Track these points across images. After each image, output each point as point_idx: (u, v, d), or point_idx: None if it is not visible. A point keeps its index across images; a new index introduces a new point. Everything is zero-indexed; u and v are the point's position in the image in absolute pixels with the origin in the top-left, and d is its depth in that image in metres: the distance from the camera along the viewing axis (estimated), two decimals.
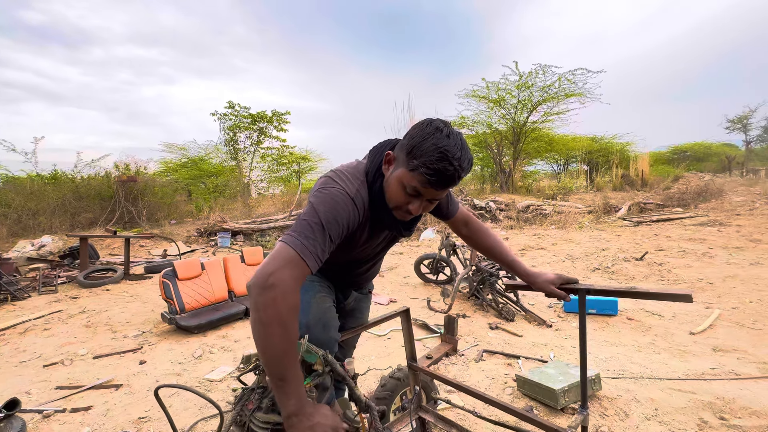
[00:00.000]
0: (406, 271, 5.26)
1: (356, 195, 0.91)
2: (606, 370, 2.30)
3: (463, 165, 0.83)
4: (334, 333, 1.05)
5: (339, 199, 0.87)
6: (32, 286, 4.67)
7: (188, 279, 3.50)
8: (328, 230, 0.82)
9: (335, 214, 0.84)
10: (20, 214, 8.47)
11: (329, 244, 0.83)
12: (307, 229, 0.81)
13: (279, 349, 0.72)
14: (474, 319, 3.35)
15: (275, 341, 0.71)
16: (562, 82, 12.26)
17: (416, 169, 0.83)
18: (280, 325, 0.71)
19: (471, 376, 2.29)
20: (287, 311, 0.72)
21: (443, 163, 0.80)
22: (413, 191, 0.87)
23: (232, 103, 12.19)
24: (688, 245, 5.76)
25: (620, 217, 9.11)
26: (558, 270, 4.95)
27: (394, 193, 0.90)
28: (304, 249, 0.78)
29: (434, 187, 0.84)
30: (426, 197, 0.88)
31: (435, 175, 0.82)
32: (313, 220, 0.82)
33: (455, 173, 0.82)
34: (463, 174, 0.84)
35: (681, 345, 2.72)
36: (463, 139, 0.86)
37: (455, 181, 0.84)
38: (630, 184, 13.79)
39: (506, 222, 9.06)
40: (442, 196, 0.89)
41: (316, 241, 0.80)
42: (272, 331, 0.71)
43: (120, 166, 10.71)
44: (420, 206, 0.89)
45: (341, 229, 0.86)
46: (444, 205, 1.20)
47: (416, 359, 1.53)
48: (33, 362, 2.66)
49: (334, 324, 1.07)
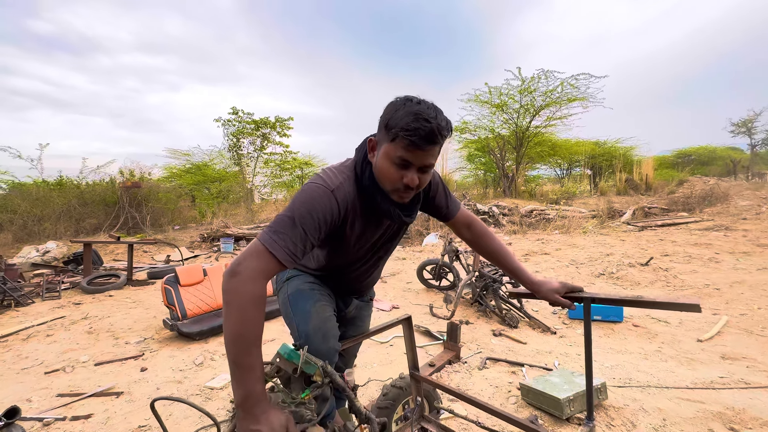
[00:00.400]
0: (408, 276, 5.23)
1: (338, 188, 0.93)
2: (612, 378, 2.26)
3: (440, 122, 0.85)
4: (334, 343, 1.03)
5: (316, 194, 0.90)
6: (36, 292, 4.69)
7: (190, 285, 3.49)
8: (301, 224, 0.85)
9: (309, 208, 0.87)
10: (26, 220, 8.54)
11: (303, 236, 0.85)
12: (279, 224, 0.85)
13: (234, 332, 0.75)
14: (477, 325, 3.32)
15: (231, 324, 0.75)
16: (565, 87, 12.27)
17: (396, 136, 0.85)
18: (238, 309, 0.75)
19: (474, 384, 2.25)
20: (247, 298, 0.77)
21: (419, 122, 0.83)
22: (401, 161, 0.87)
23: (236, 109, 12.29)
24: (694, 250, 5.70)
25: (624, 222, 9.04)
26: (562, 276, 4.90)
27: (386, 171, 0.90)
28: (272, 243, 0.82)
29: (417, 147, 0.84)
30: (416, 164, 0.88)
31: (415, 134, 0.83)
32: (286, 215, 0.86)
33: (433, 129, 0.83)
34: (444, 132, 0.86)
35: (688, 352, 2.68)
36: (436, 106, 0.88)
37: (436, 137, 0.84)
38: (634, 189, 13.73)
39: (509, 227, 9.01)
40: (432, 161, 0.89)
41: (286, 235, 0.83)
42: (230, 315, 0.76)
43: (124, 172, 10.79)
44: (414, 176, 0.89)
45: (316, 222, 0.87)
46: (443, 204, 1.18)
47: (418, 368, 1.51)
48: (35, 369, 2.65)
49: (334, 333, 1.05)
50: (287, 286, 1.15)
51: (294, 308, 1.08)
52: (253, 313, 0.77)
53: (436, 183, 1.15)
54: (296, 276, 1.17)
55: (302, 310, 1.06)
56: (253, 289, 0.78)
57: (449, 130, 0.88)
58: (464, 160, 16.34)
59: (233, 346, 0.76)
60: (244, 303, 0.77)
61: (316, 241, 0.90)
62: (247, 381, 0.74)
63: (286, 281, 1.18)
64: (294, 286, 1.14)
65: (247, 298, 0.77)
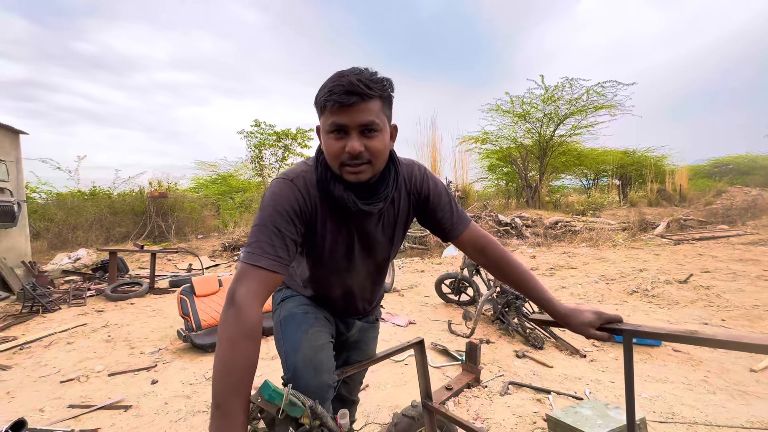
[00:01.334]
0: (426, 290, 5.06)
1: (297, 177, 0.89)
2: (652, 412, 2.02)
3: (362, 76, 0.78)
4: (328, 377, 0.91)
5: (276, 189, 0.86)
6: (63, 299, 4.84)
7: (205, 295, 3.49)
8: (272, 223, 0.81)
9: (273, 205, 0.83)
10: (60, 228, 8.97)
11: (279, 235, 0.81)
12: (251, 236, 0.81)
13: (221, 368, 0.68)
14: (499, 345, 3.12)
15: (219, 359, 0.69)
16: (590, 95, 11.89)
17: (323, 105, 0.80)
18: (228, 342, 0.70)
19: (495, 412, 2.07)
20: (240, 329, 0.71)
21: (339, 79, 0.78)
22: (335, 127, 0.80)
23: (258, 122, 12.62)
24: (738, 266, 5.25)
25: (658, 235, 8.51)
26: (591, 292, 4.60)
27: (328, 146, 0.83)
28: (251, 256, 0.78)
29: (342, 102, 0.76)
30: (351, 126, 0.79)
31: (335, 89, 0.77)
32: (255, 223, 0.82)
33: (351, 80, 0.76)
34: (368, 83, 0.77)
35: (740, 384, 2.38)
36: (366, 68, 0.81)
37: (357, 87, 0.76)
38: (667, 200, 13.02)
39: (533, 239, 8.68)
40: (369, 118, 0.79)
41: (261, 242, 0.79)
42: (220, 348, 0.70)
43: (153, 182, 11.22)
44: (355, 142, 0.79)
45: (286, 216, 0.83)
46: (446, 218, 0.99)
47: (431, 397, 1.37)
48: (51, 377, 2.68)
49: (327, 366, 0.93)
50: (280, 309, 1.06)
51: (284, 335, 0.98)
52: (245, 346, 0.70)
53: (439, 192, 1.00)
54: (291, 297, 1.08)
55: (292, 338, 0.95)
56: (246, 317, 0.72)
57: (380, 82, 0.80)
58: (485, 170, 16.05)
59: (219, 384, 0.67)
60: (236, 335, 0.70)
61: (296, 236, 0.83)
62: (227, 428, 0.65)
63: (280, 303, 1.08)
64: (287, 309, 1.04)
65: (239, 330, 0.70)
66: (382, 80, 0.81)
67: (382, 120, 0.82)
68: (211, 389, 0.68)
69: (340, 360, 1.21)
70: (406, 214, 1.02)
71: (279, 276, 0.79)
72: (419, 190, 0.99)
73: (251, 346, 0.70)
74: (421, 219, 1.05)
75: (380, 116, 0.81)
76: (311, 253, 0.98)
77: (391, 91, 0.85)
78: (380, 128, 0.81)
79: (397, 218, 1.01)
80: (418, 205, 1.02)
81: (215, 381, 0.67)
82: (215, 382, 0.67)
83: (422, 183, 1.00)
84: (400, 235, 1.04)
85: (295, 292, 1.11)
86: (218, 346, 0.70)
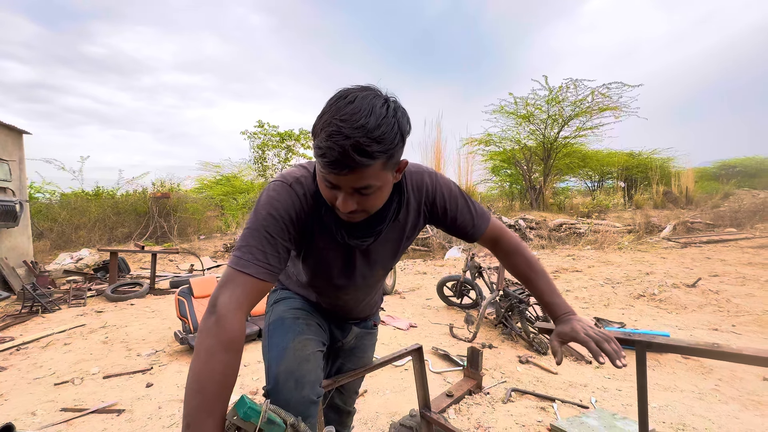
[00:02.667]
0: (428, 292, 4.99)
1: (296, 181, 0.81)
2: (661, 422, 1.94)
3: (366, 132, 0.61)
4: (310, 391, 0.84)
5: (273, 192, 0.79)
6: (63, 299, 4.82)
7: (204, 297, 3.44)
8: (264, 228, 0.75)
9: (268, 209, 0.77)
10: (64, 228, 8.99)
11: (271, 241, 0.75)
12: (242, 239, 0.75)
13: (195, 383, 0.61)
14: (501, 350, 3.04)
15: (193, 373, 0.63)
16: (596, 96, 11.77)
17: (315, 153, 0.67)
18: (206, 353, 0.63)
19: (497, 420, 2.00)
20: (218, 339, 0.65)
21: (332, 139, 0.62)
22: (327, 183, 0.70)
23: (261, 122, 12.61)
24: (748, 270, 5.13)
25: (664, 238, 8.38)
26: (596, 296, 4.51)
27: (321, 189, 0.75)
28: (239, 261, 0.72)
29: (332, 171, 0.65)
30: (343, 188, 0.69)
31: (325, 156, 0.64)
32: (248, 226, 0.77)
33: (347, 150, 0.61)
34: (374, 148, 0.62)
35: (754, 393, 2.29)
36: (374, 107, 0.63)
37: (351, 160, 0.62)
38: (673, 202, 12.84)
39: (537, 241, 8.58)
40: (366, 182, 0.67)
41: (252, 247, 0.73)
42: (195, 360, 0.64)
43: (156, 183, 11.24)
44: (348, 201, 0.70)
45: (281, 222, 0.76)
46: (467, 223, 0.93)
47: (430, 406, 1.31)
48: (46, 379, 2.64)
49: (311, 379, 0.85)
50: (271, 312, 1.00)
51: (270, 342, 0.92)
52: (222, 358, 0.64)
53: (455, 197, 0.93)
54: (284, 299, 1.02)
55: (277, 346, 0.89)
56: (226, 327, 0.66)
57: (386, 142, 0.64)
58: (489, 172, 15.94)
59: (191, 401, 0.60)
60: (213, 346, 0.64)
61: (289, 244, 0.77)
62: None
63: (272, 305, 1.03)
64: (277, 313, 0.98)
65: (218, 340, 0.64)
66: (390, 136, 0.65)
67: (383, 178, 0.71)
68: (183, 406, 0.61)
69: (334, 367, 1.15)
70: (414, 227, 0.95)
71: (267, 285, 0.74)
72: (432, 201, 0.92)
73: (230, 359, 0.64)
74: (441, 227, 0.98)
75: (379, 176, 0.69)
76: (307, 260, 0.93)
77: (401, 142, 0.69)
78: (378, 187, 0.71)
79: (403, 233, 0.94)
80: (432, 216, 0.95)
81: (187, 397, 0.61)
82: (187, 398, 0.61)
83: (434, 193, 0.92)
84: (404, 248, 0.99)
85: (289, 294, 1.05)
86: (194, 358, 0.64)
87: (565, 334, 0.85)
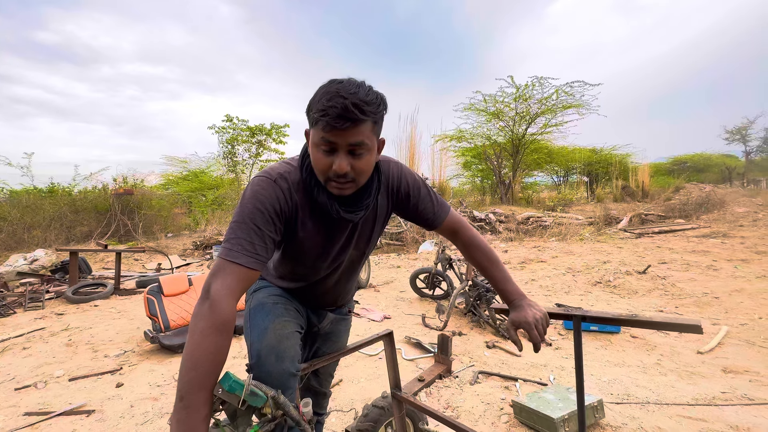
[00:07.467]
0: (402, 285, 5.12)
1: (280, 176, 0.89)
2: (609, 394, 2.16)
3: (359, 97, 0.77)
4: (290, 365, 0.91)
5: (258, 187, 0.85)
6: (19, 302, 4.55)
7: (174, 295, 3.38)
8: (251, 221, 0.81)
9: (254, 203, 0.83)
10: (15, 228, 8.39)
11: (258, 232, 0.81)
12: (230, 231, 0.81)
13: (190, 361, 0.68)
14: (470, 337, 3.21)
15: (188, 352, 0.69)
16: (560, 95, 12.32)
17: (315, 120, 0.79)
18: (200, 334, 0.70)
19: (465, 400, 2.14)
20: (211, 322, 0.71)
21: (334, 99, 0.76)
22: (325, 144, 0.80)
23: (230, 117, 12.25)
24: (691, 258, 5.63)
25: (621, 229, 8.98)
26: (558, 285, 4.81)
27: (315, 159, 0.84)
28: (229, 252, 0.78)
29: (335, 126, 0.77)
30: (341, 145, 0.80)
31: (329, 112, 0.76)
32: (234, 219, 0.82)
33: (348, 105, 0.75)
34: (365, 106, 0.77)
35: (689, 365, 2.58)
36: (361, 82, 0.81)
37: (353, 112, 0.76)
38: (631, 195, 13.71)
39: (506, 234, 8.94)
40: (360, 139, 0.80)
41: (240, 239, 0.80)
42: (190, 341, 0.70)
43: (117, 179, 10.68)
44: (343, 161, 0.80)
45: (267, 215, 0.83)
46: (428, 210, 1.03)
47: (401, 387, 1.41)
48: (5, 385, 2.52)
49: (291, 354, 0.93)
50: (252, 299, 1.06)
51: (252, 324, 0.99)
52: (215, 339, 0.70)
53: (417, 186, 1.03)
54: (263, 288, 1.08)
55: (259, 327, 0.96)
56: (219, 310, 0.72)
57: (374, 104, 0.79)
58: (461, 167, 16.34)
59: (185, 376, 0.67)
60: (207, 327, 0.70)
61: (274, 235, 0.84)
62: (189, 421, 0.65)
63: (252, 293, 1.08)
64: (257, 300, 1.04)
65: (211, 322, 0.71)
66: (377, 101, 0.80)
67: (372, 140, 0.83)
68: (177, 381, 0.68)
69: (311, 351, 1.22)
70: (385, 212, 1.05)
71: (256, 273, 0.80)
72: (397, 188, 1.02)
73: (222, 340, 0.71)
74: (403, 214, 1.07)
75: (370, 137, 0.82)
76: (288, 250, 1.00)
77: (384, 111, 0.85)
78: (369, 148, 0.82)
79: (375, 217, 1.03)
80: (398, 202, 1.04)
81: (182, 372, 0.67)
82: (182, 374, 0.67)
83: (399, 180, 1.02)
84: (378, 232, 1.07)
85: (267, 283, 1.11)
86: (188, 338, 0.70)
87: (518, 322, 0.99)
